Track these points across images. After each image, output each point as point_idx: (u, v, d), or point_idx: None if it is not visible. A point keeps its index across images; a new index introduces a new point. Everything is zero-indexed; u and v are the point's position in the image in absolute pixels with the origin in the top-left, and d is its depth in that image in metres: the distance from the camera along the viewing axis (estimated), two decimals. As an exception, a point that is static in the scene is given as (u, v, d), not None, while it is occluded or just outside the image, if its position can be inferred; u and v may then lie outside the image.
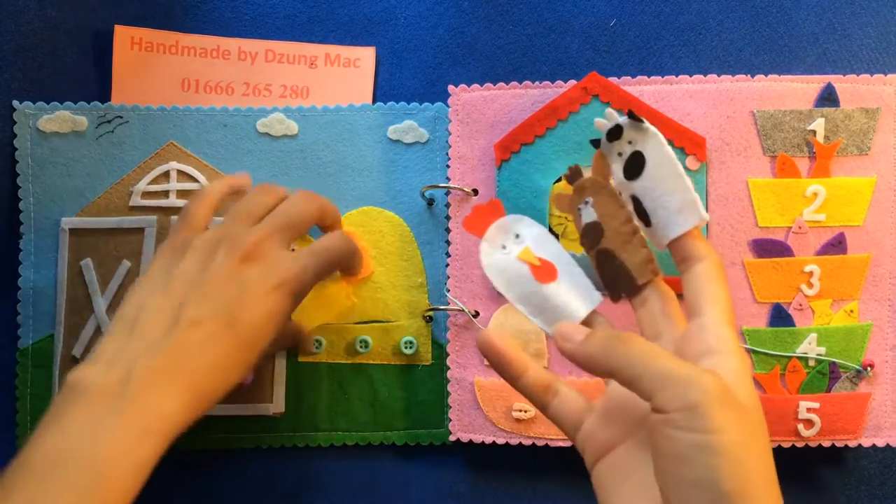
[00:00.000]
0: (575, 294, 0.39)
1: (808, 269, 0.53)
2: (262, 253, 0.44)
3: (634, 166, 0.37)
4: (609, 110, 0.38)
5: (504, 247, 0.41)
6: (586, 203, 0.39)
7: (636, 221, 0.38)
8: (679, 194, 0.36)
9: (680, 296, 0.38)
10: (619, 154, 0.38)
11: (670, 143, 0.52)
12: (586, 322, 0.39)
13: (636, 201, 0.38)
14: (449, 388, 0.54)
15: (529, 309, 0.40)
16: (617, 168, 0.38)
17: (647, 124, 0.37)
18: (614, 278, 0.38)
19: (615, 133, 0.38)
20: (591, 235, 0.39)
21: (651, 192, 0.37)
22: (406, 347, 0.55)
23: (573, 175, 0.40)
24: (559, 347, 0.36)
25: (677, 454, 0.30)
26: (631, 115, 0.37)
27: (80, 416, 0.37)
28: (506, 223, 0.41)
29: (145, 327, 0.41)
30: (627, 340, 0.34)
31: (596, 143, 0.39)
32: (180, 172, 0.56)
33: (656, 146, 0.36)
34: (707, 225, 0.53)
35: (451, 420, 0.54)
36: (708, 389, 0.30)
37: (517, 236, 0.40)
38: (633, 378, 0.32)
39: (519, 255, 0.40)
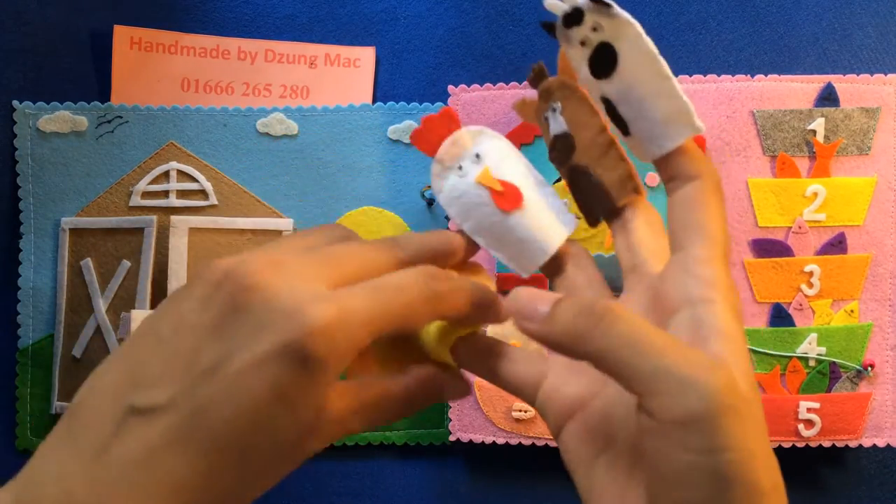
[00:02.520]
0: (544, 222, 0.32)
1: (808, 269, 0.53)
2: (264, 284, 0.25)
3: (603, 61, 0.29)
4: None
5: (461, 167, 0.33)
6: (554, 110, 0.32)
7: (613, 129, 0.32)
8: (664, 100, 0.28)
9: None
10: (582, 43, 0.30)
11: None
12: (560, 256, 0.33)
13: (609, 104, 0.30)
14: (449, 388, 0.54)
15: (488, 241, 0.33)
16: (580, 62, 0.30)
17: (617, 8, 0.29)
18: (590, 199, 0.32)
19: (574, 18, 0.30)
20: (561, 149, 0.32)
21: (627, 96, 0.29)
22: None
23: (537, 75, 0.33)
24: (519, 328, 0.28)
25: (669, 473, 0.24)
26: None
27: None
28: (463, 137, 0.33)
29: (86, 424, 0.25)
30: (607, 318, 0.25)
31: (549, 27, 0.31)
32: (180, 172, 0.56)
33: (632, 38, 0.29)
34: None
35: (451, 420, 0.54)
36: (713, 394, 0.23)
37: (477, 156, 0.33)
38: (616, 371, 0.25)
39: (478, 177, 0.33)
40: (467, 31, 0.58)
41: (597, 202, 0.32)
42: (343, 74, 0.58)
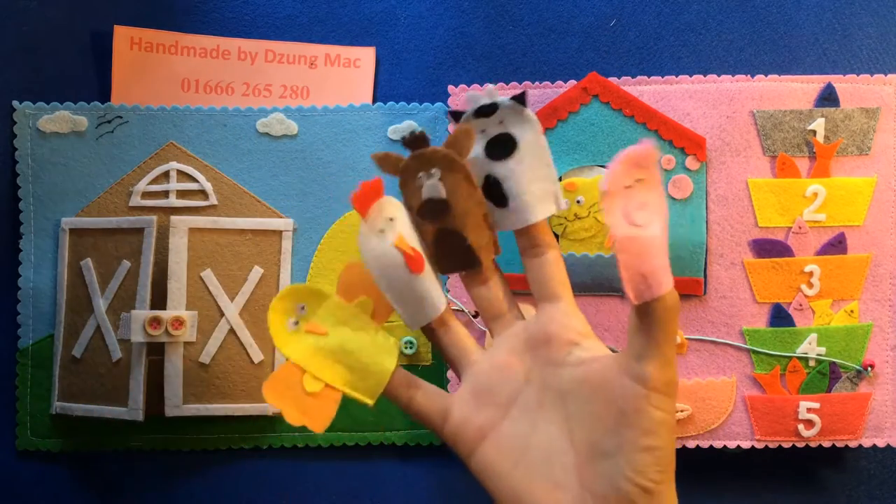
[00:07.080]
0: (436, 285, 0.38)
1: (808, 269, 0.53)
2: None
3: (501, 147, 0.37)
4: (490, 87, 0.37)
5: (382, 231, 0.38)
6: (431, 175, 0.37)
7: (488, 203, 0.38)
8: (545, 183, 0.36)
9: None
10: (483, 131, 0.37)
11: (670, 142, 0.52)
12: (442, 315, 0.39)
13: (492, 182, 0.37)
14: (449, 388, 0.54)
15: (394, 297, 0.38)
16: (478, 146, 0.37)
17: (528, 111, 0.36)
18: (454, 255, 0.38)
19: (487, 111, 0.37)
20: (433, 212, 0.37)
21: (519, 176, 0.37)
22: (406, 348, 0.55)
23: (417, 141, 0.37)
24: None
25: (643, 427, 0.33)
26: (517, 99, 0.36)
27: None
28: (382, 205, 0.38)
29: None
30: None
31: (456, 116, 0.38)
32: (180, 172, 0.56)
33: (534, 133, 0.37)
34: (707, 224, 0.53)
35: (451, 420, 0.54)
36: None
37: (391, 220, 0.38)
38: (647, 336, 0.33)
39: (395, 241, 0.37)
40: (467, 31, 0.58)
41: (460, 260, 0.38)
42: (343, 74, 0.58)
